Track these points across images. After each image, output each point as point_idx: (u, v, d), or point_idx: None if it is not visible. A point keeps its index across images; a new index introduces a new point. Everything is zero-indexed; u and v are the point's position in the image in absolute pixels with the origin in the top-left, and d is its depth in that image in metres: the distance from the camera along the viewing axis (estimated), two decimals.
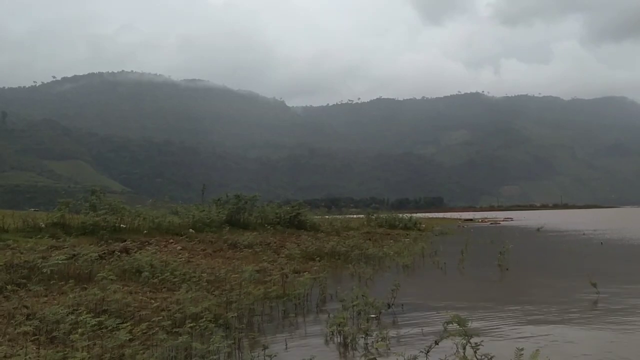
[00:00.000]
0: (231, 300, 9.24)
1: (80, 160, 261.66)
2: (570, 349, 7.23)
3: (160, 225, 18.08)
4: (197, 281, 10.49)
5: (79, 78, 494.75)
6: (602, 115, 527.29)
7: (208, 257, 14.93)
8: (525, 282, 14.36)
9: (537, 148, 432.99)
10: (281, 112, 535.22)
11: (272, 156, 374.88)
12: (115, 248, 13.26)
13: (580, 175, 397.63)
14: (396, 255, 18.76)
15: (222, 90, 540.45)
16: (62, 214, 16.00)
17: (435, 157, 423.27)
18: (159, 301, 8.92)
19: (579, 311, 9.68)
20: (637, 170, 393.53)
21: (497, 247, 18.92)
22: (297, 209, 25.95)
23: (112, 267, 10.96)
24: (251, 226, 22.37)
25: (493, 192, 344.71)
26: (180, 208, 24.62)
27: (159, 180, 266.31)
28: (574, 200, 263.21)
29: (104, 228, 15.71)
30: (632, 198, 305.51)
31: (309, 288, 10.99)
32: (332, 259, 17.12)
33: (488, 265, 16.65)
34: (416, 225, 37.50)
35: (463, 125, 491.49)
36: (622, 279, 13.96)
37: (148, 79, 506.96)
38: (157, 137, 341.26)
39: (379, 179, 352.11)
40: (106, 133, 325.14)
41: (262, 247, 17.31)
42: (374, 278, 13.88)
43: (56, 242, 13.20)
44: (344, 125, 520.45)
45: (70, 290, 8.60)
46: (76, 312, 7.31)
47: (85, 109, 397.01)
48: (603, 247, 24.31)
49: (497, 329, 8.40)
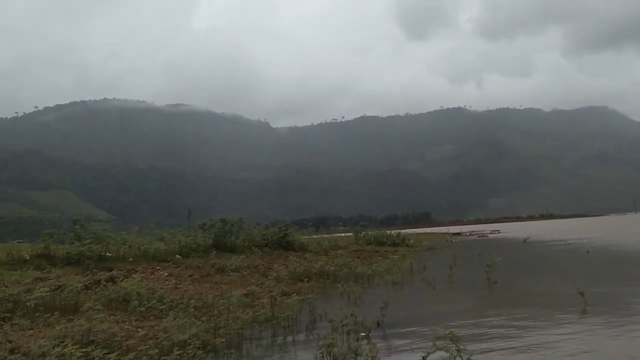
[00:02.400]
0: (219, 325, 9.17)
1: (64, 190, 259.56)
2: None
3: (146, 253, 17.93)
4: (185, 308, 10.39)
5: (61, 107, 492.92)
6: (584, 125, 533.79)
7: (195, 282, 14.81)
8: (513, 294, 14.41)
9: (522, 159, 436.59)
10: (266, 134, 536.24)
11: (259, 178, 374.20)
12: (101, 277, 13.13)
13: (565, 185, 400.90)
14: (385, 273, 18.75)
15: (206, 113, 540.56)
16: (47, 245, 15.86)
17: (422, 172, 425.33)
18: (146, 329, 8.82)
19: (569, 322, 9.72)
20: (621, 178, 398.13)
21: (485, 260, 18.97)
22: (285, 230, 25.83)
23: (99, 296, 10.87)
24: (238, 249, 22.22)
25: (480, 205, 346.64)
26: (166, 234, 24.40)
27: (145, 206, 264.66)
28: (560, 210, 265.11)
29: (89, 257, 15.55)
30: (616, 206, 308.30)
31: (298, 310, 10.93)
32: (321, 279, 17.04)
33: (477, 279, 16.67)
34: (404, 242, 37.49)
35: (447, 140, 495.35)
36: (610, 288, 14.07)
37: (131, 106, 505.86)
38: (141, 163, 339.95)
39: (367, 197, 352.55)
40: (90, 161, 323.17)
41: (250, 270, 17.21)
42: (363, 296, 13.83)
43: (41, 274, 13.08)
44: (330, 144, 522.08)
45: (56, 322, 8.51)
46: (62, 344, 7.22)
47: (68, 138, 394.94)
48: (589, 256, 24.48)
49: (487, 342, 8.41)
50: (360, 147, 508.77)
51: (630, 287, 14.13)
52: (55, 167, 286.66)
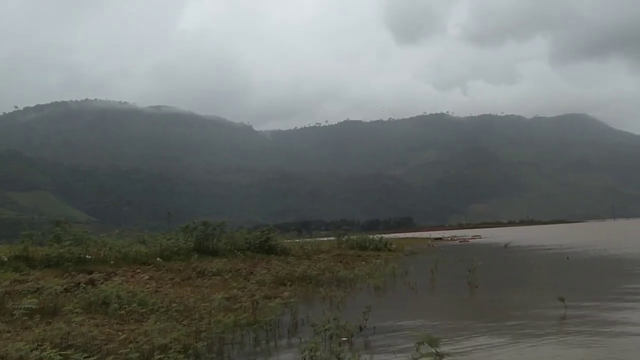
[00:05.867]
0: (200, 329, 9.12)
1: (45, 191, 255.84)
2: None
3: (127, 255, 17.74)
4: (166, 311, 10.31)
5: (42, 107, 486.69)
6: (564, 132, 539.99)
7: (176, 286, 14.69)
8: (494, 299, 14.51)
9: (504, 166, 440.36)
10: (250, 137, 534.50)
11: (242, 181, 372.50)
12: (80, 280, 12.97)
13: (546, 191, 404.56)
14: (367, 277, 18.78)
15: (189, 115, 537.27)
16: (25, 247, 15.61)
17: (405, 177, 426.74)
18: (127, 333, 8.73)
19: (548, 326, 9.82)
20: (601, 185, 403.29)
21: (466, 264, 19.10)
22: (267, 233, 25.77)
23: (78, 299, 10.73)
24: (220, 253, 22.10)
25: (462, 211, 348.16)
26: (147, 237, 24.19)
27: (127, 209, 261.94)
28: (541, 216, 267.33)
29: (68, 260, 15.32)
30: (596, 212, 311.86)
31: (280, 314, 10.90)
32: (303, 283, 17.04)
33: (458, 284, 16.79)
34: (387, 246, 37.63)
35: (431, 146, 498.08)
36: (590, 293, 14.24)
37: (113, 107, 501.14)
38: (124, 165, 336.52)
39: (351, 201, 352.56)
40: (72, 162, 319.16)
41: (232, 274, 17.13)
42: (345, 301, 13.83)
43: (19, 276, 12.86)
44: (314, 149, 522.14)
45: (35, 325, 8.38)
46: (41, 347, 7.12)
47: (49, 139, 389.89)
48: (569, 262, 24.74)
49: (468, 347, 8.46)
50: (344, 152, 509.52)
51: (608, 294, 14.32)
52: (35, 167, 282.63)
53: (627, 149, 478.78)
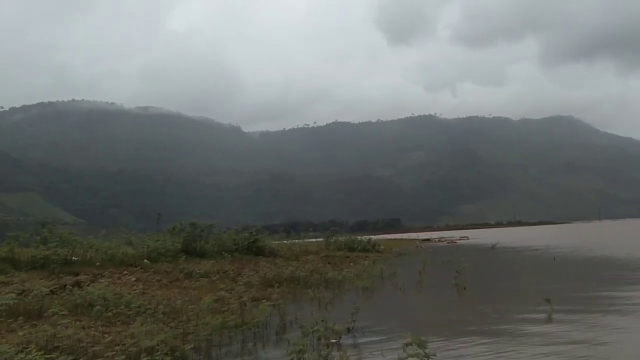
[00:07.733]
0: (188, 331, 9.07)
1: (31, 192, 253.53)
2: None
3: (113, 257, 17.60)
4: (153, 313, 10.24)
5: (28, 108, 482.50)
6: (551, 134, 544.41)
7: (164, 287, 14.61)
8: (482, 300, 14.58)
9: (491, 167, 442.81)
10: (239, 138, 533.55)
11: (230, 182, 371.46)
12: (66, 282, 12.86)
13: (533, 192, 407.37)
14: (355, 278, 18.80)
15: (176, 116, 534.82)
16: (11, 248, 15.47)
17: (394, 179, 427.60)
18: (113, 335, 8.67)
19: (535, 327, 9.89)
20: (587, 186, 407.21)
21: (454, 266, 19.18)
22: (255, 235, 25.70)
23: (64, 301, 10.65)
24: (208, 254, 22.00)
25: (450, 212, 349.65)
26: (134, 238, 23.98)
27: (114, 210, 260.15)
28: (528, 217, 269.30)
29: (54, 262, 15.18)
30: (582, 213, 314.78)
31: (268, 315, 10.88)
32: (292, 284, 17.02)
33: (446, 285, 16.85)
34: (375, 247, 37.69)
35: (419, 147, 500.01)
36: (576, 294, 14.34)
37: (100, 108, 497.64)
38: (111, 166, 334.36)
39: (339, 202, 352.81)
40: (58, 163, 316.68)
41: (220, 276, 17.07)
42: (334, 302, 13.86)
43: (5, 278, 12.75)
44: (303, 150, 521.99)
45: (20, 327, 8.31)
46: (26, 350, 7.06)
47: (36, 139, 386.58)
48: (555, 263, 24.93)
49: (456, 348, 8.49)
50: (333, 153, 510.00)
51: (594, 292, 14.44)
52: (22, 168, 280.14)
53: (613, 150, 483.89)
